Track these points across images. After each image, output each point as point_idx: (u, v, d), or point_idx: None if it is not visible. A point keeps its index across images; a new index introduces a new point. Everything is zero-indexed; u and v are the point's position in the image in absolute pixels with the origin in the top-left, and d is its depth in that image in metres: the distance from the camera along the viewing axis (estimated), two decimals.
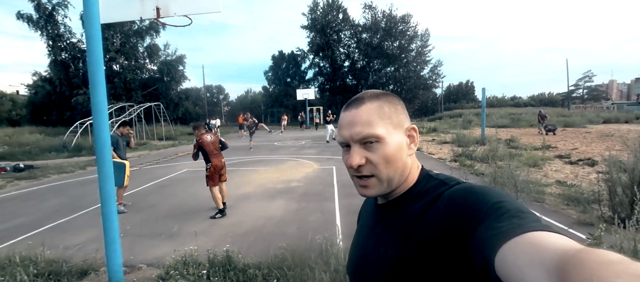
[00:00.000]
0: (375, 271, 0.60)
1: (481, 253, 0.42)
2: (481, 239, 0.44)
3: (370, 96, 0.62)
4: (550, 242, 0.37)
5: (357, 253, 0.69)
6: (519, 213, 0.44)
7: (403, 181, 0.61)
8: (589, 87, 49.00)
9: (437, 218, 0.53)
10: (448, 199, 0.54)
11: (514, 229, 0.41)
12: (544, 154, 8.64)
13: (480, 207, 0.48)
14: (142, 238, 3.94)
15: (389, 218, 0.63)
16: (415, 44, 34.84)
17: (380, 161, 0.58)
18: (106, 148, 2.82)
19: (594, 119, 21.18)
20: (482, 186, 0.53)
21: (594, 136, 13.11)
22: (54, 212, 5.13)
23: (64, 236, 4.10)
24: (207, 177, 4.67)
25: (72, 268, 3.03)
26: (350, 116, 0.61)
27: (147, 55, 23.71)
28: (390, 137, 0.59)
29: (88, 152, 12.64)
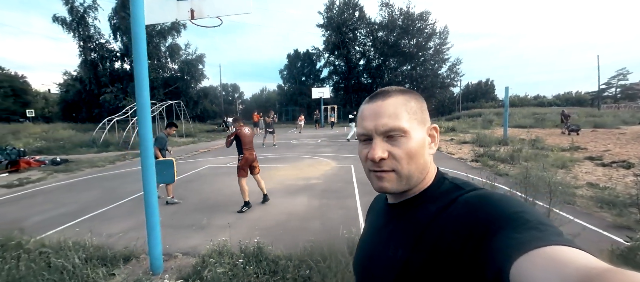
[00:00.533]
0: (383, 271, 0.59)
1: (496, 263, 0.40)
2: (497, 248, 0.42)
3: (396, 90, 0.61)
4: (573, 258, 0.34)
5: (364, 252, 0.68)
6: (539, 225, 0.42)
7: (421, 179, 0.60)
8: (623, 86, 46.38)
9: (450, 223, 0.51)
10: (463, 204, 0.52)
11: (533, 241, 0.38)
12: (573, 156, 8.34)
13: (497, 215, 0.46)
14: (176, 229, 4.16)
15: (399, 219, 0.61)
16: (433, 41, 34.23)
17: (404, 155, 0.57)
18: (149, 143, 3.01)
19: (629, 120, 20.12)
20: (500, 193, 0.51)
21: (629, 138, 12.49)
22: (93, 203, 5.48)
23: (104, 224, 4.39)
24: (239, 168, 4.88)
25: (116, 254, 3.26)
26: (375, 107, 0.59)
27: (168, 54, 24.59)
28: (415, 133, 0.58)
29: (115, 148, 13.31)
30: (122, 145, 13.65)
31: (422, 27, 33.49)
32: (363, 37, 36.09)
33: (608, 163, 7.36)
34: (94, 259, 2.98)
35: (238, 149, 4.92)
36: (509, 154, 8.28)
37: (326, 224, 4.12)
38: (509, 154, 8.34)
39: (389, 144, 0.58)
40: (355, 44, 35.90)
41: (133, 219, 4.57)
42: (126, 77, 23.43)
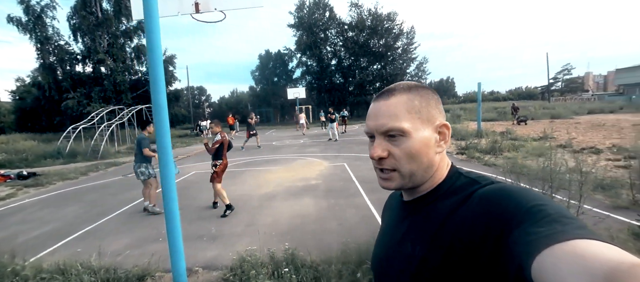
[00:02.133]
0: (400, 268, 0.59)
1: (517, 258, 0.40)
2: (518, 243, 0.41)
3: (401, 88, 0.60)
4: (599, 252, 0.33)
5: (382, 249, 0.68)
6: (561, 218, 0.41)
7: (428, 178, 0.59)
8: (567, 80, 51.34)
9: (468, 218, 0.50)
10: (480, 198, 0.51)
11: (556, 235, 0.37)
12: (544, 145, 9.05)
13: (517, 209, 0.45)
14: (186, 241, 3.87)
15: (415, 215, 0.61)
16: (401, 41, 35.43)
17: (403, 155, 0.57)
18: (167, 148, 2.78)
19: (578, 111, 22.27)
20: (518, 186, 0.51)
21: (585, 126, 13.83)
22: (78, 219, 4.98)
23: (100, 242, 3.99)
24: (217, 173, 4.77)
25: (129, 274, 2.98)
26: (377, 107, 0.60)
27: (135, 56, 22.94)
28: (417, 132, 0.57)
29: (83, 158, 12.22)
30: (90, 155, 12.54)
31: (390, 27, 34.51)
32: (334, 37, 36.42)
33: (578, 150, 8.10)
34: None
35: (218, 155, 4.84)
36: (490, 146, 8.80)
37: (344, 224, 4.09)
38: (489, 146, 8.87)
39: (390, 143, 0.58)
40: (327, 44, 36.14)
41: (130, 234, 4.21)
42: (89, 81, 21.46)
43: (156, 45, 2.70)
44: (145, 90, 22.31)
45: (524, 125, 15.25)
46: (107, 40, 21.41)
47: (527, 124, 15.61)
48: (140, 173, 4.99)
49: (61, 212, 5.47)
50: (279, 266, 2.70)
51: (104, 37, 21.11)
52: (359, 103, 34.71)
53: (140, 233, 4.24)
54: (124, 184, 7.57)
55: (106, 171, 9.72)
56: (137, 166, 5.01)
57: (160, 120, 2.74)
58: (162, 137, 2.75)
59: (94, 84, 21.11)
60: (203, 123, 21.78)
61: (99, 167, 10.12)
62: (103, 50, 20.63)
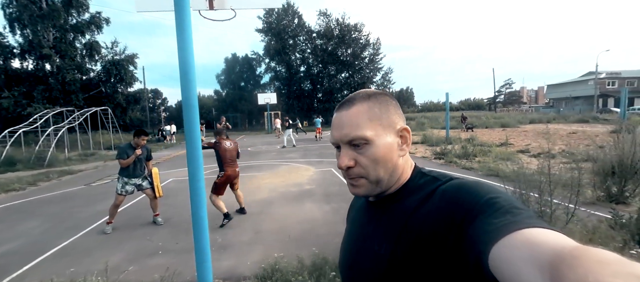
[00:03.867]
0: (370, 267, 0.60)
1: (475, 249, 0.42)
2: (475, 235, 0.43)
3: (361, 97, 0.62)
4: (545, 239, 0.36)
5: (349, 250, 0.69)
6: (513, 209, 0.43)
7: (394, 181, 0.61)
8: (509, 93, 57.30)
9: (431, 214, 0.53)
10: (441, 194, 0.54)
11: (508, 225, 0.40)
12: (507, 150, 9.97)
13: (474, 202, 0.48)
14: (187, 254, 3.56)
15: (381, 215, 0.62)
16: (367, 51, 36.80)
17: (369, 162, 0.58)
18: (198, 151, 2.53)
19: (522, 120, 24.91)
20: (476, 181, 0.53)
21: (533, 134, 15.49)
22: (45, 235, 4.28)
23: (86, 260, 3.48)
24: (216, 184, 4.40)
25: None
26: (340, 118, 0.61)
27: (87, 53, 20.58)
28: (379, 139, 0.59)
29: (25, 166, 10.62)
30: (34, 162, 10.95)
31: (357, 37, 35.73)
32: (302, 44, 36.66)
33: (536, 154, 9.03)
34: None
35: (219, 165, 4.48)
36: (462, 152, 9.44)
37: None
38: (462, 151, 9.51)
39: (355, 152, 0.59)
40: (296, 51, 36.23)
41: (121, 249, 3.74)
42: (30, 78, 18.65)
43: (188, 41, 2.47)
44: (100, 91, 20.12)
45: (471, 132, 17.47)
46: (54, 34, 18.92)
47: (474, 131, 17.84)
48: (116, 186, 4.40)
49: (19, 228, 4.66)
50: (322, 272, 2.57)
51: (50, 31, 18.61)
52: (327, 110, 35.13)
53: (132, 247, 3.78)
54: (91, 194, 6.73)
55: (60, 181, 8.56)
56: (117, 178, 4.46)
57: (191, 120, 2.50)
58: (192, 140, 2.50)
59: (36, 82, 18.48)
60: (167, 128, 20.29)
61: (50, 176, 8.87)
62: (48, 45, 18.15)
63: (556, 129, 18.17)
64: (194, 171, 2.50)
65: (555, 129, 17.75)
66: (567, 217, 3.25)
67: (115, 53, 20.74)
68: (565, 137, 13.44)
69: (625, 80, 39.39)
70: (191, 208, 2.54)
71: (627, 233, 3.15)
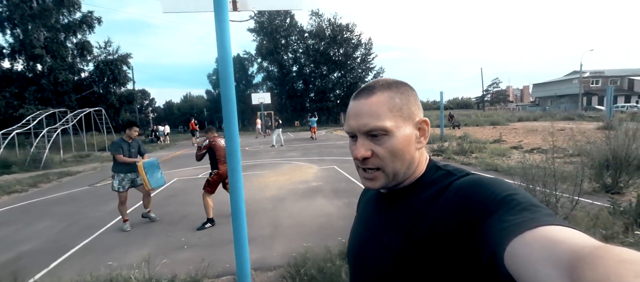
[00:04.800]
0: (378, 259, 0.59)
1: (490, 246, 0.41)
2: (490, 231, 0.43)
3: (381, 86, 0.60)
4: (564, 237, 0.35)
5: (358, 241, 0.68)
6: (531, 206, 0.43)
7: (410, 174, 0.60)
8: (496, 92, 58.84)
9: (444, 209, 0.52)
10: (456, 190, 0.53)
11: (526, 223, 0.39)
12: (501, 147, 10.37)
13: (490, 199, 0.47)
14: (217, 247, 3.68)
15: (393, 208, 0.61)
16: (359, 51, 37.17)
17: (387, 154, 0.57)
18: (236, 145, 2.67)
19: (511, 118, 25.67)
20: (491, 177, 0.52)
21: (523, 131, 16.06)
22: (63, 234, 4.32)
23: (111, 256, 3.56)
24: (208, 182, 4.38)
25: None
26: (358, 106, 0.59)
27: (78, 53, 20.11)
28: (399, 131, 0.57)
29: (20, 168, 10.42)
30: (30, 164, 10.75)
31: (349, 37, 36.06)
32: (295, 44, 36.73)
33: (529, 150, 9.45)
34: None
35: (211, 164, 4.47)
36: (459, 149, 9.77)
37: None
38: (458, 148, 9.84)
39: (373, 142, 0.57)
40: (288, 51, 36.28)
41: (145, 245, 3.83)
42: (21, 79, 18.07)
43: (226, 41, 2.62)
44: (93, 91, 19.68)
45: (457, 129, 19.07)
46: (44, 34, 18.42)
47: (460, 128, 19.49)
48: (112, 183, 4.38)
49: (34, 228, 4.68)
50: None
51: (41, 31, 18.11)
52: (320, 109, 35.31)
53: (156, 243, 3.88)
54: (97, 194, 6.72)
55: (61, 182, 8.47)
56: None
57: (229, 116, 2.64)
58: (232, 136, 2.65)
59: (28, 83, 18.00)
60: (161, 128, 20.07)
61: (49, 177, 8.76)
62: (40, 45, 17.66)
63: (544, 126, 18.86)
64: (234, 164, 2.65)
65: (543, 127, 18.43)
66: (572, 205, 3.51)
67: (108, 53, 20.39)
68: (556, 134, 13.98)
69: (608, 78, 40.95)
70: (230, 200, 2.69)
71: (630, 218, 3.43)
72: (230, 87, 2.64)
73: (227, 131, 2.66)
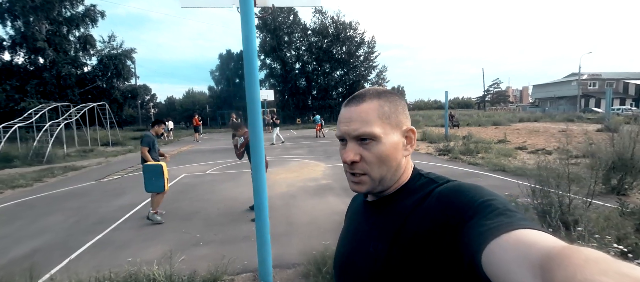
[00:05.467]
0: (364, 267, 0.60)
1: (469, 250, 0.43)
2: (469, 236, 0.44)
3: (371, 94, 0.62)
4: (536, 239, 0.37)
5: (345, 249, 0.69)
6: (507, 211, 0.44)
7: (395, 180, 0.62)
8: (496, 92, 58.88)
9: (427, 216, 0.53)
10: (438, 196, 0.54)
11: (501, 227, 0.41)
12: (506, 147, 10.37)
13: (469, 205, 0.49)
14: (232, 244, 3.66)
15: (378, 215, 0.63)
16: (362, 49, 37.06)
17: (374, 159, 0.59)
18: (260, 141, 2.64)
19: (512, 119, 25.70)
20: (471, 184, 0.54)
21: (526, 132, 16.06)
22: (74, 230, 4.29)
23: (126, 252, 3.53)
24: None
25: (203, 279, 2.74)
26: (349, 112, 0.61)
27: (81, 47, 19.96)
28: (387, 137, 0.59)
29: (23, 163, 10.35)
30: (32, 159, 10.68)
31: (352, 35, 35.93)
32: (298, 41, 36.60)
33: (534, 151, 9.44)
34: None
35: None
36: (464, 149, 9.76)
37: None
38: (464, 148, 9.84)
39: (362, 147, 0.60)
40: (291, 48, 36.16)
41: (161, 241, 3.80)
42: (22, 72, 17.93)
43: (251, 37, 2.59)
44: (96, 86, 19.56)
45: (457, 128, 19.30)
46: (47, 26, 18.27)
47: (459, 127, 19.83)
48: None
49: (44, 223, 4.64)
50: None
51: (43, 23, 17.96)
52: (322, 107, 35.25)
53: (171, 239, 3.85)
54: (105, 189, 6.69)
55: (66, 177, 8.42)
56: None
57: (254, 114, 2.62)
58: (256, 134, 2.62)
59: (29, 75, 17.86)
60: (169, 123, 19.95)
61: (54, 172, 8.71)
62: (42, 37, 17.54)
63: (546, 127, 18.89)
64: (257, 161, 2.63)
65: (544, 128, 18.46)
66: (586, 206, 3.50)
67: (112, 47, 20.24)
68: (557, 135, 14.00)
69: (605, 81, 41.10)
70: (254, 197, 2.67)
71: (638, 219, 3.44)
72: (255, 85, 2.63)
73: (251, 129, 2.64)
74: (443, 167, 7.64)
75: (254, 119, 2.60)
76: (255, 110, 2.61)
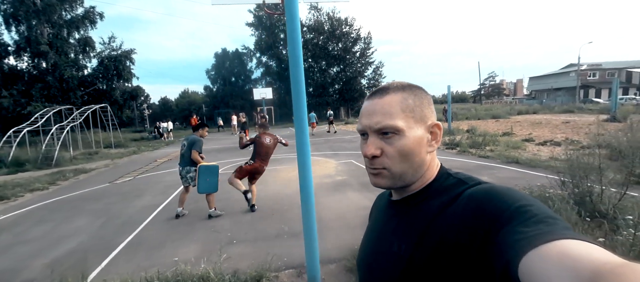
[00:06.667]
0: (388, 267, 0.58)
1: (504, 258, 0.40)
2: (505, 243, 0.41)
3: (395, 87, 0.61)
4: (584, 252, 0.34)
5: (369, 248, 0.68)
6: (547, 218, 0.41)
7: (418, 177, 0.60)
8: (492, 85, 59.21)
9: (456, 218, 0.51)
10: (468, 199, 0.52)
11: (542, 235, 0.38)
12: (513, 139, 10.52)
13: (504, 209, 0.46)
14: (262, 241, 3.73)
15: (403, 215, 0.61)
16: (358, 46, 37.04)
17: (396, 154, 0.57)
18: (305, 137, 2.70)
19: (510, 112, 25.95)
20: (506, 187, 0.51)
21: (528, 124, 16.26)
22: (104, 231, 4.33)
23: (163, 251, 3.59)
24: (240, 168, 4.72)
25: (247, 277, 2.81)
26: (371, 105, 0.60)
27: (81, 49, 19.73)
28: (410, 131, 0.57)
29: (34, 166, 10.31)
30: (42, 162, 10.62)
31: (348, 31, 35.89)
32: None
33: (542, 143, 9.59)
34: None
35: (253, 154, 4.78)
36: (473, 142, 9.88)
37: None
38: (471, 141, 9.96)
39: (383, 141, 0.58)
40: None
41: (191, 241, 3.85)
42: (27, 76, 17.72)
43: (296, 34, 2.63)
44: (96, 88, 19.37)
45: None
46: (48, 30, 18.03)
47: (453, 121, 19.64)
48: (190, 178, 4.60)
49: (72, 225, 4.67)
50: None
51: (45, 27, 17.72)
52: (320, 105, 35.27)
53: (203, 238, 3.91)
54: (121, 191, 6.70)
55: (78, 179, 8.41)
56: (185, 170, 4.59)
57: (300, 112, 2.67)
58: (301, 130, 2.68)
59: (34, 80, 17.67)
60: (164, 124, 19.89)
61: (66, 175, 8.69)
62: (44, 41, 17.33)
63: (547, 119, 19.13)
64: (303, 159, 2.69)
65: (545, 119, 18.70)
66: (621, 195, 3.57)
67: (112, 48, 20.05)
68: (561, 127, 14.22)
69: (606, 71, 41.39)
70: (301, 195, 2.74)
71: None
72: (300, 82, 2.67)
73: (297, 126, 2.70)
74: (453, 160, 7.76)
75: (300, 119, 2.66)
76: (301, 109, 2.66)
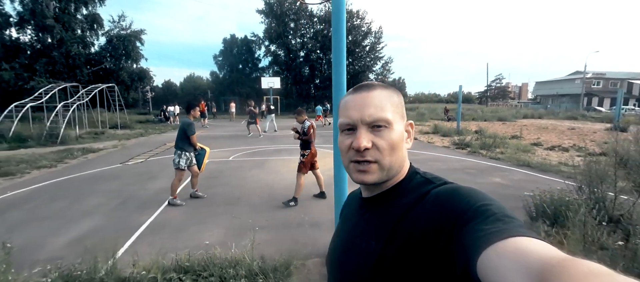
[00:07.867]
0: (356, 264, 0.59)
1: (464, 254, 0.43)
2: (465, 240, 0.44)
3: (379, 84, 0.63)
4: (534, 248, 0.36)
5: (338, 245, 0.69)
6: (504, 217, 0.44)
7: (399, 172, 0.62)
8: (498, 87, 58.94)
9: (423, 216, 0.53)
10: (434, 198, 0.54)
11: (499, 233, 0.40)
12: (522, 143, 10.49)
13: (466, 208, 0.48)
14: (284, 229, 3.73)
15: (373, 212, 0.62)
16: (369, 40, 36.68)
17: (387, 146, 0.58)
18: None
19: (516, 115, 25.89)
20: (469, 187, 0.53)
21: (534, 128, 16.21)
22: (121, 212, 4.33)
23: (186, 233, 3.59)
24: (302, 163, 4.62)
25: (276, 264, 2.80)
26: (360, 98, 0.60)
27: (88, 26, 19.48)
28: (397, 125, 0.60)
29: (36, 143, 10.27)
30: (46, 139, 10.57)
31: (359, 24, 35.50)
32: (303, 29, 36.11)
33: (550, 148, 9.58)
34: (257, 274, 2.53)
35: (307, 144, 4.65)
36: (481, 143, 9.85)
37: None
38: (481, 142, 9.92)
39: (373, 134, 0.59)
40: (297, 35, 35.70)
41: (214, 225, 3.85)
42: (30, 50, 17.51)
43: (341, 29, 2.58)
44: (103, 67, 19.20)
45: (451, 122, 19.10)
46: (55, 3, 17.75)
47: (455, 121, 19.32)
48: (174, 160, 4.55)
49: (88, 204, 4.67)
50: None
51: (51, 0, 17.43)
52: (325, 97, 35.11)
53: (226, 223, 3.91)
54: (134, 172, 6.70)
55: (87, 159, 8.39)
56: (176, 154, 4.56)
57: (338, 90, 2.64)
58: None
59: (38, 54, 17.44)
60: (171, 108, 19.78)
61: (74, 154, 8.66)
62: (51, 15, 17.10)
63: (553, 124, 19.08)
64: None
65: (551, 125, 18.65)
66: (635, 200, 3.59)
67: (121, 27, 19.80)
68: (567, 132, 14.18)
69: (609, 80, 41.33)
70: (334, 184, 2.72)
71: None
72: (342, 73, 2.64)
73: (335, 118, 2.66)
74: (466, 160, 7.74)
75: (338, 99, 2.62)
76: (339, 85, 2.65)
